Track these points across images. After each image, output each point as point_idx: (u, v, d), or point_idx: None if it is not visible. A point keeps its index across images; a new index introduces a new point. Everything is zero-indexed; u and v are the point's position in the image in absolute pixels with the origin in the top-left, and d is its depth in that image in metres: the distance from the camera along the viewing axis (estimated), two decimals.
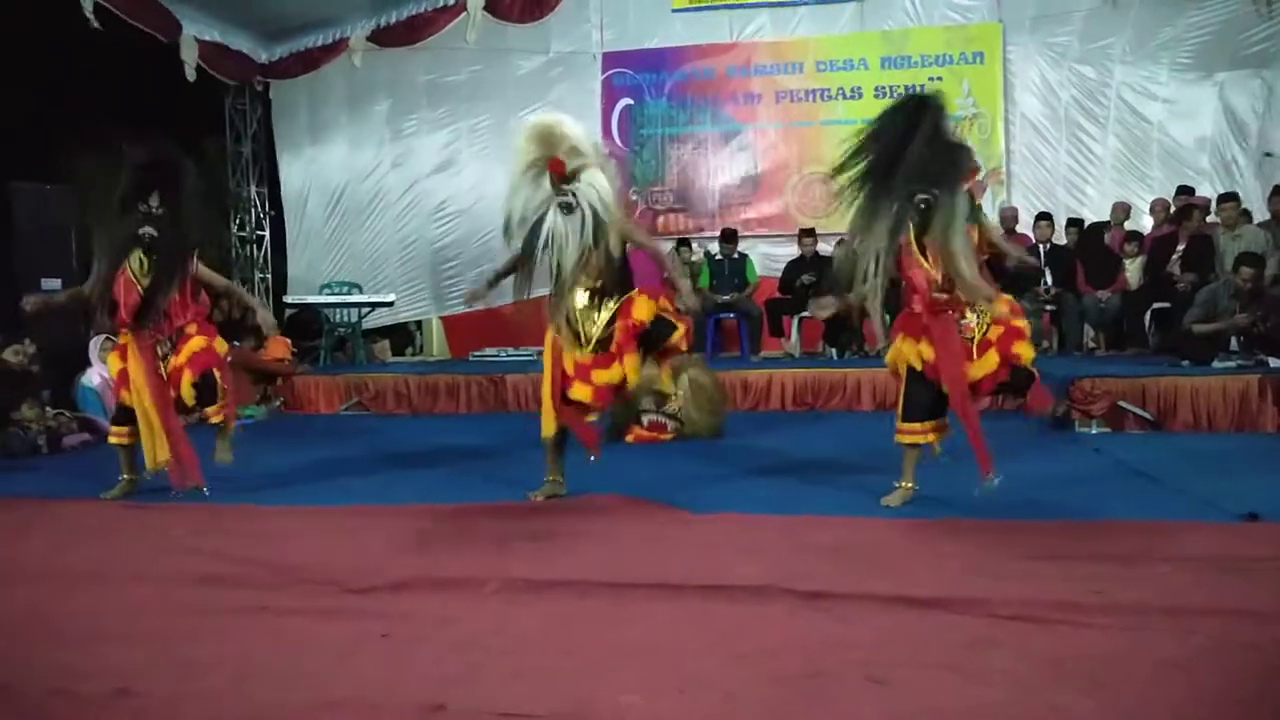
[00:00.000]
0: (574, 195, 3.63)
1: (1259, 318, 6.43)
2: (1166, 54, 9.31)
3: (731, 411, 6.40)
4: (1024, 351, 3.71)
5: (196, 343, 4.38)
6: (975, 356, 3.69)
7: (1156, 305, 8.03)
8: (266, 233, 11.81)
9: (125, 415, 4.37)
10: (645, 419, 5.96)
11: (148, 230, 4.15)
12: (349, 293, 10.23)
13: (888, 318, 3.87)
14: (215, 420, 4.58)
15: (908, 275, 3.71)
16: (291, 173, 11.25)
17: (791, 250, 9.48)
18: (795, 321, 8.86)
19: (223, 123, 11.34)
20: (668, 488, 4.23)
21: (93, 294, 4.28)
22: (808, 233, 9.06)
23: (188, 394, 4.33)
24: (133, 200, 4.16)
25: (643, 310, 3.91)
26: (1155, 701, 1.91)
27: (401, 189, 10.88)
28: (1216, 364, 6.25)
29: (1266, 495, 3.65)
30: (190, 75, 9.72)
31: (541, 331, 4.10)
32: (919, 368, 3.76)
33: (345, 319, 10.00)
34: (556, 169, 3.63)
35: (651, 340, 3.94)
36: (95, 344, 6.78)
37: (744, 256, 9.27)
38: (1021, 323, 3.75)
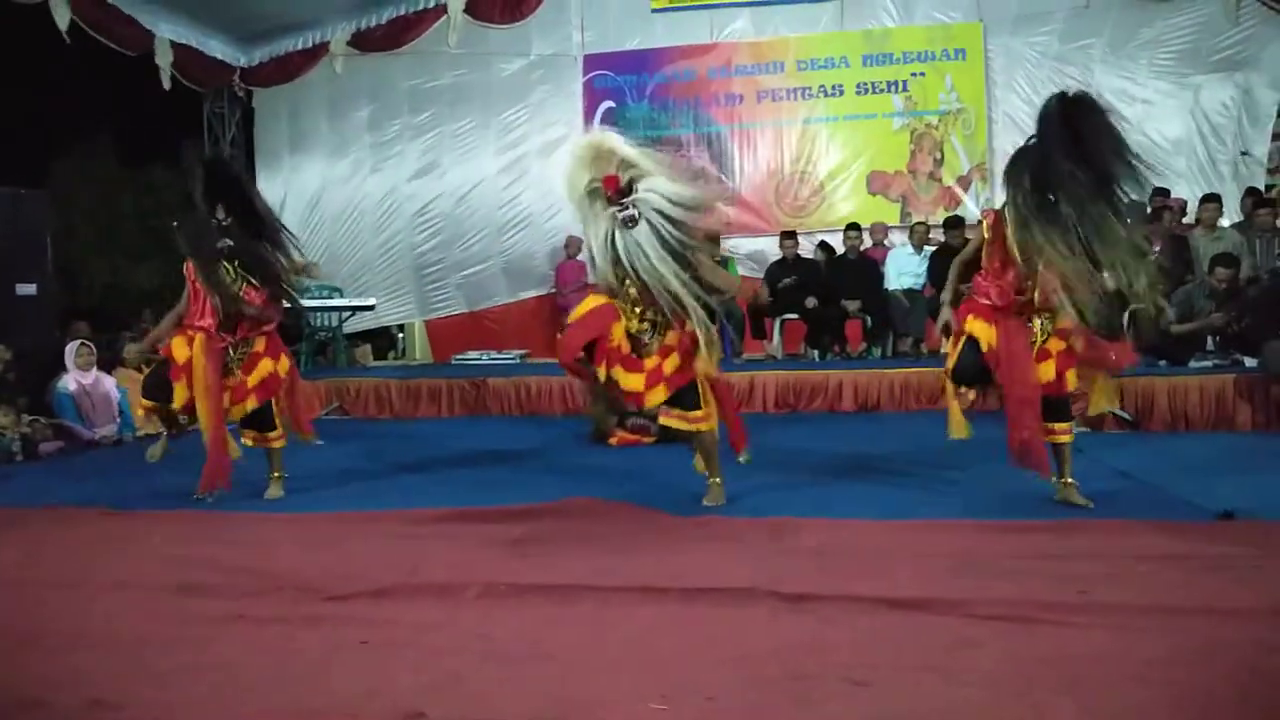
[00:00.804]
0: (634, 206, 3.56)
1: (1234, 318, 6.49)
2: (1145, 55, 9.39)
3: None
4: (1073, 380, 3.71)
5: (265, 366, 4.43)
6: (1037, 362, 3.67)
7: (1134, 306, 8.06)
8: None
9: (163, 391, 4.35)
10: (628, 422, 5.95)
11: (224, 242, 4.23)
12: (329, 296, 10.17)
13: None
14: (277, 445, 4.58)
15: (995, 267, 3.68)
16: (271, 179, 11.20)
17: (773, 253, 9.48)
18: (777, 323, 8.87)
19: (201, 127, 11.27)
20: (650, 491, 4.23)
21: (212, 307, 4.28)
22: (789, 235, 9.07)
23: (239, 415, 4.43)
24: (206, 214, 4.23)
25: (705, 367, 3.85)
26: (1136, 701, 1.92)
27: (382, 193, 10.85)
28: (1193, 364, 6.31)
29: (1242, 494, 3.69)
30: (166, 83, 9.64)
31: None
32: (984, 347, 3.68)
33: (326, 323, 9.94)
34: (610, 185, 3.58)
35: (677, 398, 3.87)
36: (71, 350, 6.71)
37: (726, 259, 9.25)
38: (1079, 344, 3.69)
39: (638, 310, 3.83)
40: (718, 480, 4.03)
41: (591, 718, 1.93)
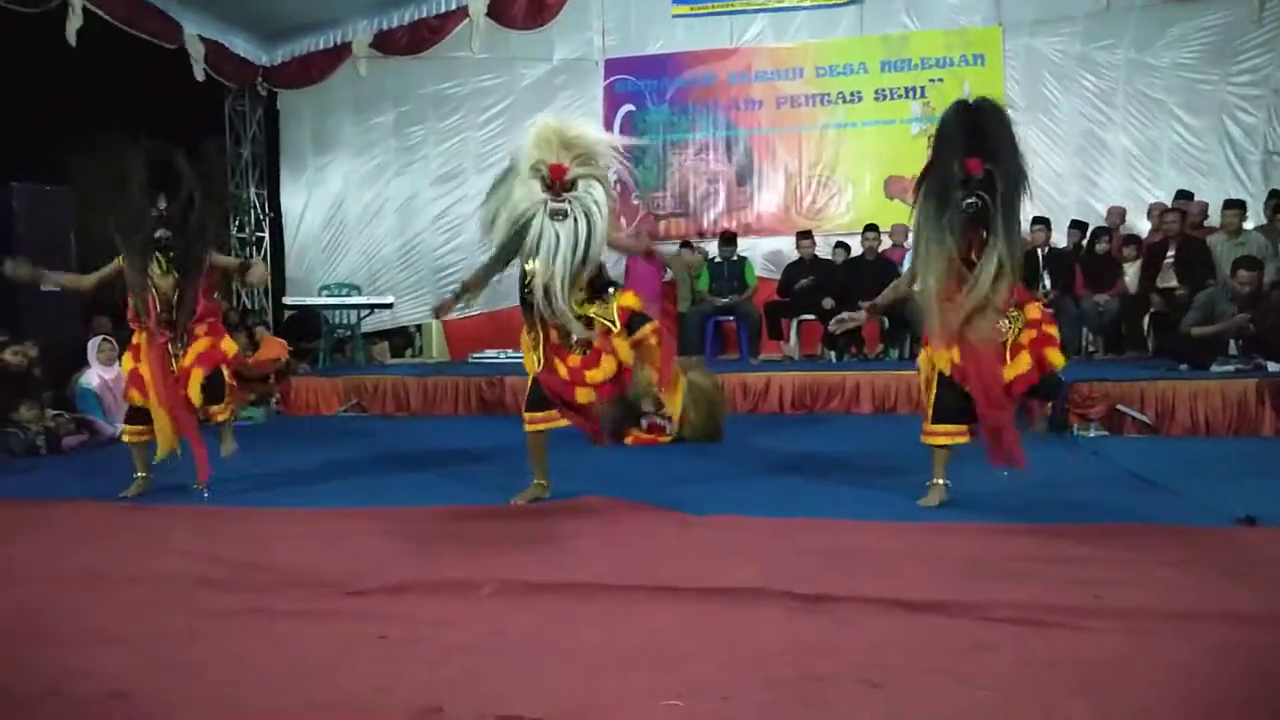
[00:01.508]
0: (570, 203, 3.57)
1: (1256, 321, 6.43)
2: (1170, 53, 9.31)
3: (730, 414, 6.40)
4: (1054, 357, 3.71)
5: (203, 343, 4.44)
6: (1008, 359, 3.69)
7: (1155, 309, 8.02)
8: (266, 234, 11.83)
9: (136, 414, 4.45)
10: (644, 421, 5.96)
11: (162, 232, 4.21)
12: (348, 294, 10.24)
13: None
14: (221, 418, 4.66)
15: (948, 279, 3.65)
16: (295, 179, 11.31)
17: (791, 254, 9.48)
18: (794, 324, 8.87)
19: (223, 125, 11.36)
20: (666, 490, 4.23)
21: (107, 288, 4.36)
22: (805, 235, 9.07)
23: (195, 394, 4.40)
24: (143, 204, 4.21)
25: (626, 299, 3.95)
26: (1152, 705, 1.91)
27: (405, 196, 10.95)
28: (1215, 368, 6.26)
29: (1264, 499, 3.65)
30: (199, 75, 9.74)
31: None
32: (948, 373, 3.74)
33: (344, 320, 10.01)
34: (558, 174, 3.58)
35: (632, 325, 3.94)
36: (94, 345, 6.78)
37: (743, 259, 9.28)
38: (1053, 329, 3.77)
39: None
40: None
41: (607, 715, 1.94)
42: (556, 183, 3.58)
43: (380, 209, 11.02)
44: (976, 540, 3.28)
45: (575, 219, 3.58)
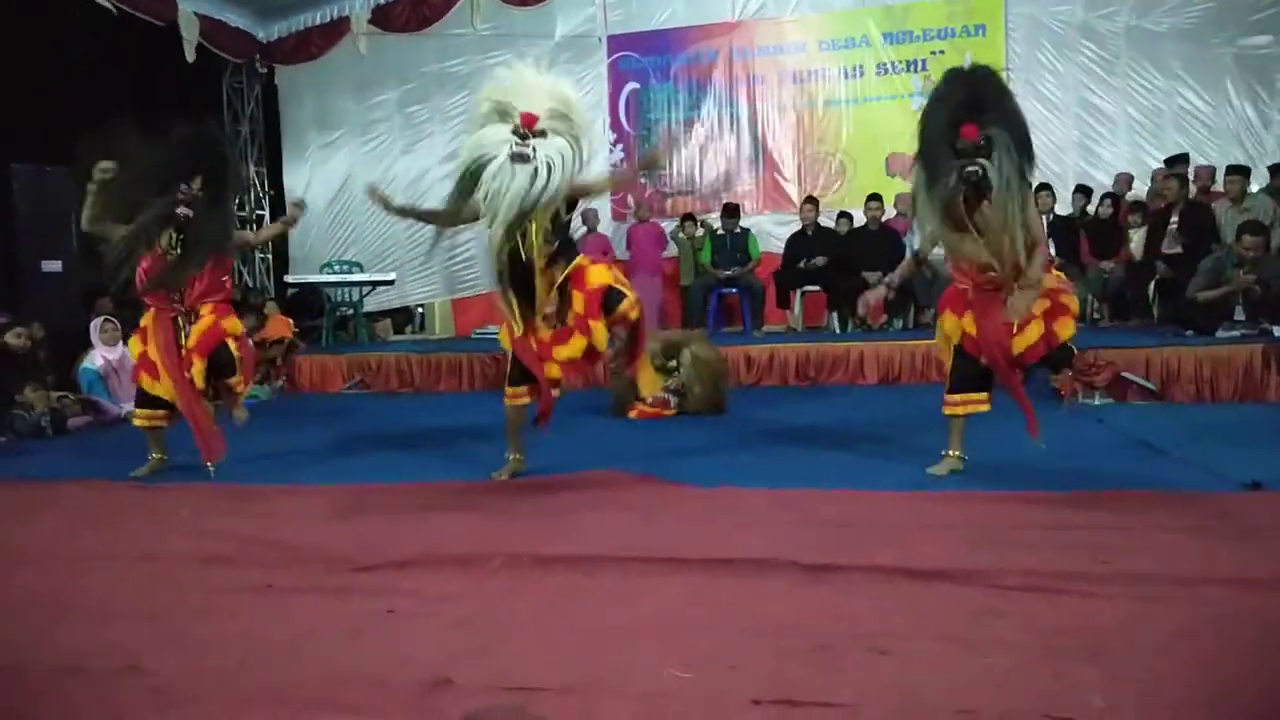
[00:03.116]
0: (534, 150, 3.48)
1: (1262, 283, 6.40)
2: (1171, 19, 9.21)
3: (734, 386, 6.40)
4: (1062, 329, 3.68)
5: (204, 323, 4.44)
6: (1018, 330, 3.65)
7: (1160, 276, 7.98)
8: (266, 212, 11.79)
9: (146, 399, 4.46)
10: (648, 395, 5.97)
11: (184, 211, 4.18)
12: (350, 272, 10.22)
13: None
14: (241, 390, 4.71)
15: (954, 251, 3.67)
16: (297, 157, 11.27)
17: (795, 228, 9.45)
18: (798, 295, 8.85)
19: (220, 102, 11.29)
20: (671, 462, 4.24)
21: (112, 259, 4.22)
22: (809, 201, 9.02)
23: (199, 377, 4.40)
24: (173, 179, 4.20)
25: (599, 276, 3.89)
26: (1160, 670, 1.91)
27: (413, 176, 10.90)
28: (1220, 333, 6.24)
29: (1270, 464, 3.65)
30: (190, 55, 9.67)
31: None
32: (960, 342, 3.77)
33: (347, 298, 10.00)
34: (529, 122, 3.51)
35: (608, 305, 3.89)
36: (96, 325, 6.79)
37: (746, 231, 9.24)
38: (1069, 298, 3.73)
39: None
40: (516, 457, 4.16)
41: (615, 686, 1.95)
42: (524, 128, 3.51)
43: (388, 186, 10.95)
44: (983, 508, 3.28)
45: (536, 167, 3.47)
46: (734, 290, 9.11)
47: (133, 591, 2.70)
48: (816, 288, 8.70)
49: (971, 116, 3.40)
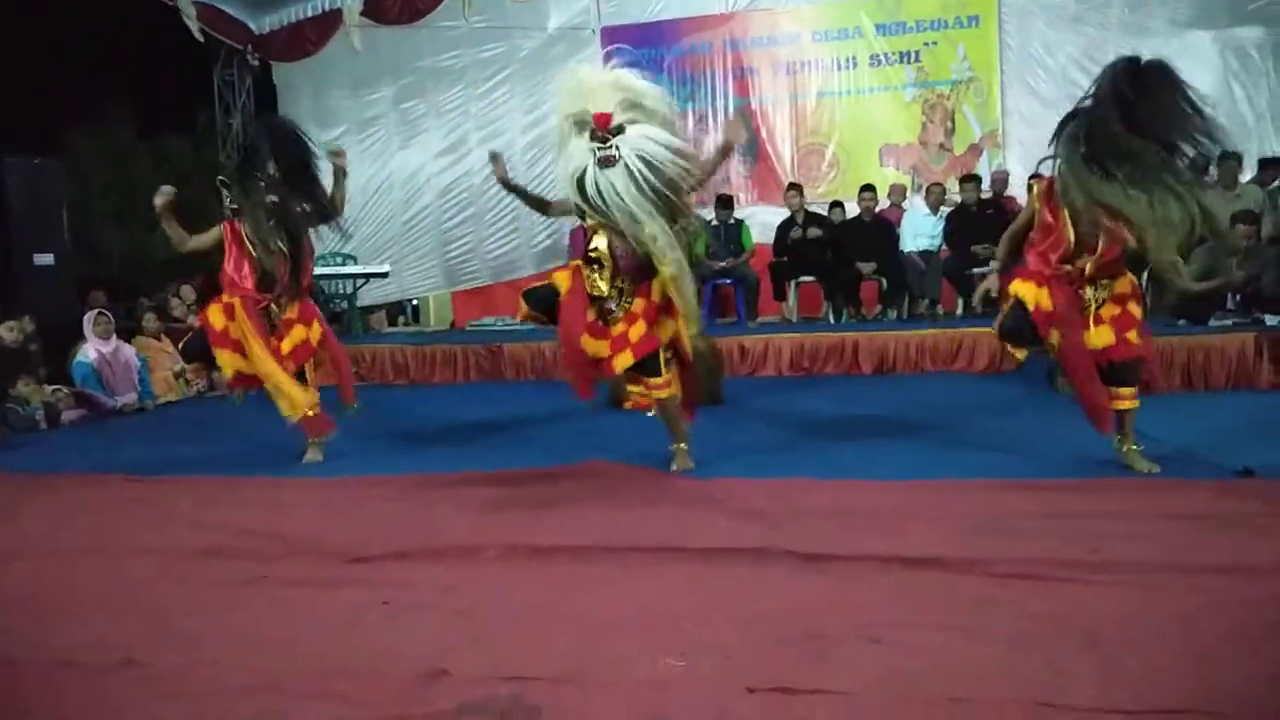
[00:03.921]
0: (616, 149, 3.44)
1: (1254, 276, 6.42)
2: (1164, 10, 9.21)
3: (729, 377, 6.40)
4: (1134, 340, 3.64)
5: (298, 334, 4.49)
6: (1092, 327, 3.62)
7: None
8: None
9: (207, 355, 4.48)
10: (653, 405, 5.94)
11: (270, 196, 4.22)
12: (343, 264, 10.19)
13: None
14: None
15: (1044, 237, 3.63)
16: None
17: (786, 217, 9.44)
18: (793, 286, 8.85)
19: (212, 95, 11.24)
20: (666, 454, 4.24)
21: (261, 254, 4.29)
22: (793, 187, 8.98)
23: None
24: (252, 168, 4.24)
25: (683, 329, 3.95)
26: (1154, 657, 1.92)
27: (410, 170, 10.87)
28: (1213, 322, 6.25)
29: (1262, 451, 3.67)
30: (197, 34, 9.63)
31: None
32: (1030, 307, 3.66)
33: (340, 290, 9.98)
34: (601, 122, 3.47)
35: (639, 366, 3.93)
36: (89, 319, 6.76)
37: (740, 222, 9.23)
38: (1137, 309, 3.68)
39: (606, 274, 3.81)
40: (683, 446, 4.07)
41: (611, 675, 1.95)
42: (600, 130, 3.48)
43: (386, 180, 10.93)
44: (978, 497, 3.29)
45: (625, 162, 3.44)
46: (728, 281, 9.11)
47: (128, 584, 2.70)
48: (811, 278, 8.69)
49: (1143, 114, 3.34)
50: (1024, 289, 3.68)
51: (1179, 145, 3.36)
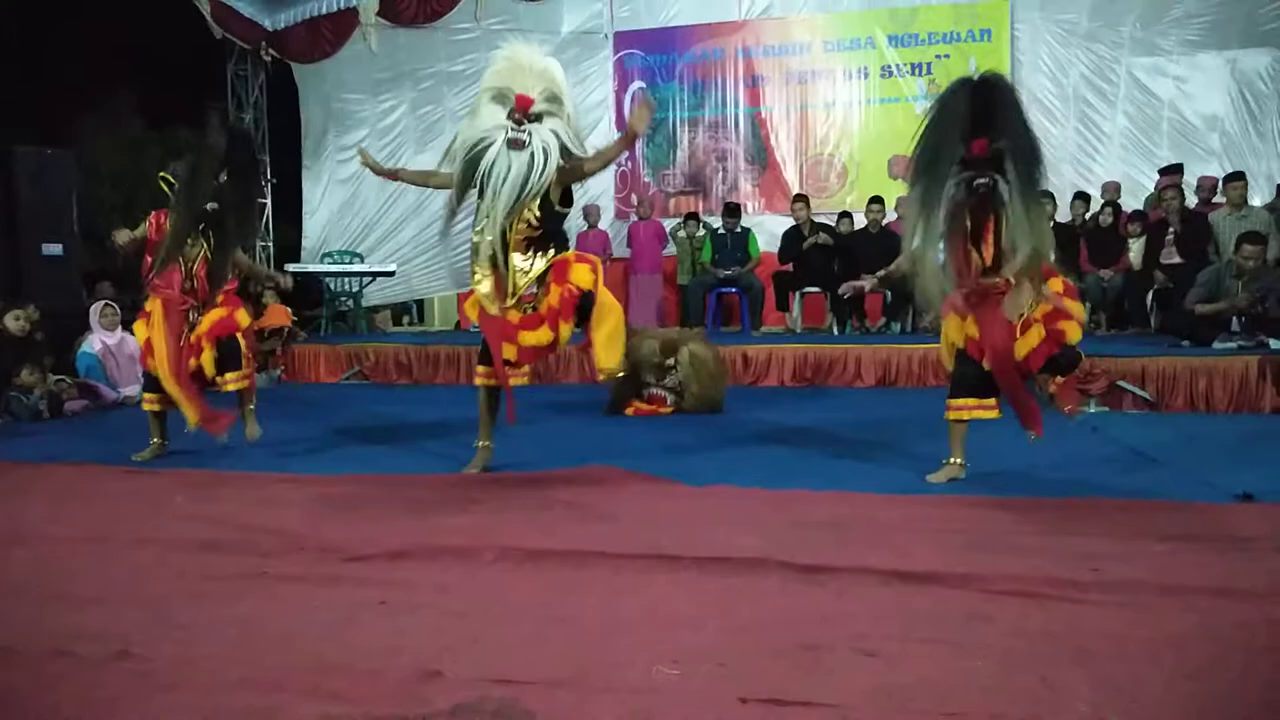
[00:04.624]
0: (529, 135, 3.47)
1: (1259, 298, 6.42)
2: (1177, 30, 9.23)
3: (731, 386, 6.41)
4: (1070, 331, 3.64)
5: (217, 313, 4.49)
6: (1019, 334, 3.61)
7: (1158, 285, 8.00)
8: (268, 200, 11.79)
9: (154, 382, 4.50)
10: (645, 392, 5.98)
11: (213, 205, 4.23)
12: (350, 262, 10.22)
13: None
14: (232, 388, 4.65)
15: (956, 257, 3.62)
16: (315, 155, 11.31)
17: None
18: (798, 296, 8.86)
19: (225, 89, 11.28)
20: (666, 461, 4.25)
21: (164, 252, 4.29)
22: (801, 199, 8.99)
23: (208, 363, 4.46)
24: (211, 174, 4.25)
25: (582, 277, 3.82)
26: (1147, 677, 1.92)
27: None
28: (1217, 344, 6.25)
29: (1262, 476, 3.67)
30: (216, 33, 9.67)
31: None
32: (964, 346, 3.73)
33: (346, 288, 10.00)
34: (523, 104, 3.49)
35: (583, 311, 3.85)
36: (95, 310, 6.79)
37: (746, 231, 9.26)
38: (1074, 305, 3.68)
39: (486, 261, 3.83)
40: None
41: (605, 680, 1.96)
42: (519, 112, 3.50)
43: (402, 185, 10.99)
44: (975, 513, 3.29)
45: (532, 152, 3.48)
46: (733, 290, 9.12)
47: (125, 576, 2.71)
48: (816, 289, 8.70)
49: (981, 130, 3.34)
50: (950, 328, 3.77)
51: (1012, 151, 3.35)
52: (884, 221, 8.67)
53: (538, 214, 3.76)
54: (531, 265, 3.86)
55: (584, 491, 3.70)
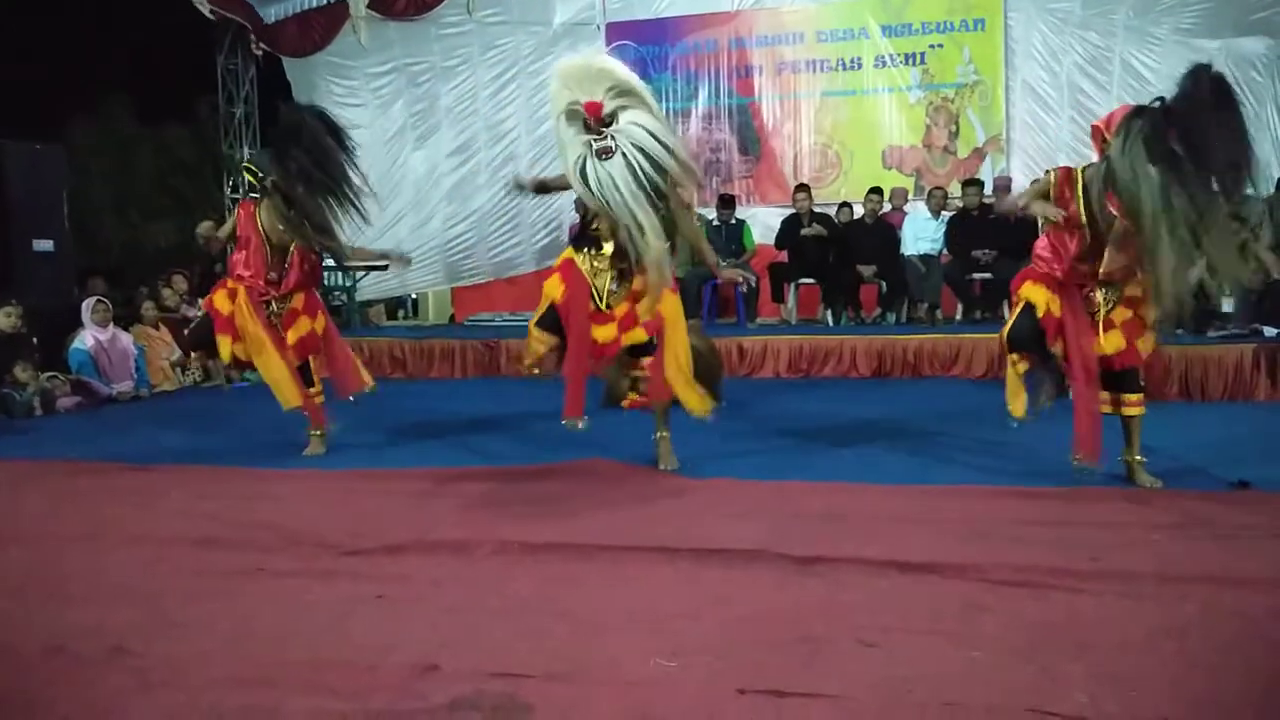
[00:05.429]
0: (612, 139, 3.36)
1: (1253, 285, 6.40)
2: (1170, 18, 9.21)
3: (727, 378, 6.40)
4: (1145, 345, 3.55)
5: (303, 325, 4.47)
6: (1101, 332, 3.52)
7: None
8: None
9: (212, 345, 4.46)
10: (641, 386, 5.95)
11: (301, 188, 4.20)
12: None
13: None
14: (316, 399, 4.61)
15: (1059, 235, 3.51)
16: None
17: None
18: (793, 287, 8.84)
19: (215, 83, 11.22)
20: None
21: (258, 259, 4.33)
22: (803, 188, 8.97)
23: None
24: (289, 148, 4.21)
25: (671, 310, 3.87)
26: (1145, 666, 1.93)
27: (421, 171, 10.87)
28: (1211, 333, 6.25)
29: (1257, 464, 3.67)
30: (207, 13, 9.61)
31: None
32: (1040, 313, 3.56)
33: (340, 283, 9.97)
34: (592, 111, 3.38)
35: (640, 348, 3.93)
36: (87, 306, 6.75)
37: (741, 222, 9.23)
38: (1149, 312, 3.52)
39: (607, 250, 3.80)
40: (667, 435, 4.08)
41: (602, 673, 1.95)
42: (593, 120, 3.39)
43: (399, 182, 10.92)
44: (973, 503, 3.29)
45: (624, 153, 3.35)
46: None
47: (121, 573, 2.70)
48: (811, 280, 8.69)
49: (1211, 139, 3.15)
50: (1034, 292, 3.58)
51: (1231, 176, 3.18)
52: (880, 212, 8.66)
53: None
54: (620, 281, 3.88)
55: (582, 484, 3.69)
